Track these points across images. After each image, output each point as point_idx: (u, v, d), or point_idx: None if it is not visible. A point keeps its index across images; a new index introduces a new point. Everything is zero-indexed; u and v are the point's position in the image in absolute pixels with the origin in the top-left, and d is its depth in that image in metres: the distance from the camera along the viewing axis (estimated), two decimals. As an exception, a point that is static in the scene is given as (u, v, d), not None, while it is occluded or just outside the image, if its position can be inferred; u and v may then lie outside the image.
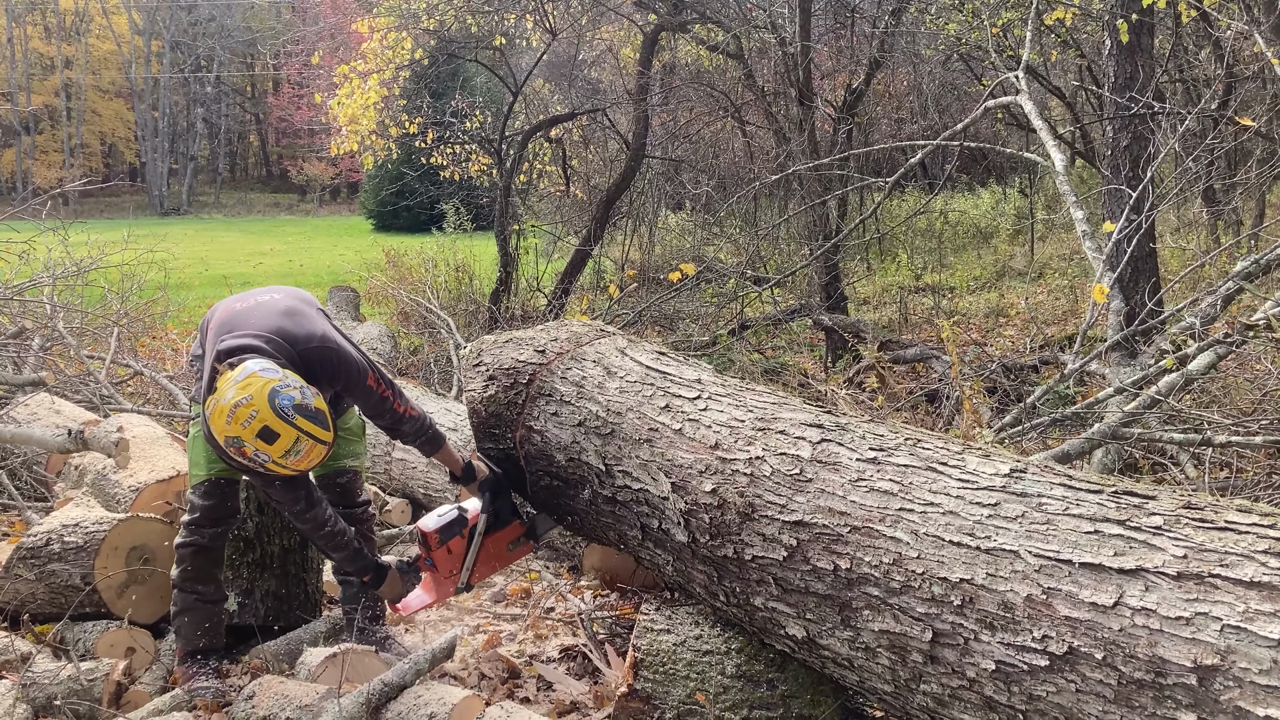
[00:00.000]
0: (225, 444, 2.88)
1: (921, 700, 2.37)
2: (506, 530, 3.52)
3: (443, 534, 3.40)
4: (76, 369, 7.34)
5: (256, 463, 2.89)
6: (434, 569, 3.42)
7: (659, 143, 13.50)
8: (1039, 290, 11.17)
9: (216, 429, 2.87)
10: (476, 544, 3.42)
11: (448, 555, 3.40)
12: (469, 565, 3.42)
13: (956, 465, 2.46)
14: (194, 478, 3.38)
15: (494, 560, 3.53)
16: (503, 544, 3.52)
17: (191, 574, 3.35)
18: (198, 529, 3.35)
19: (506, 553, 3.55)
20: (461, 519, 3.43)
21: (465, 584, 3.44)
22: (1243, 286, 4.33)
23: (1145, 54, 6.91)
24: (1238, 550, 1.93)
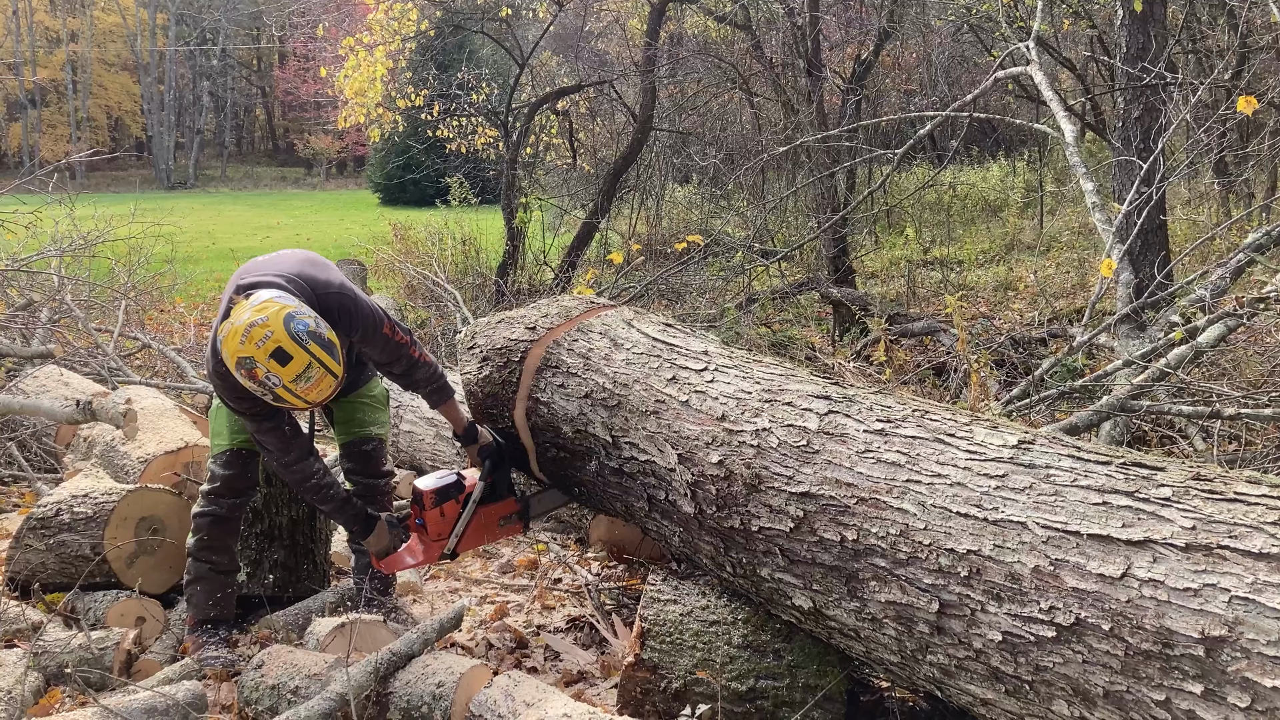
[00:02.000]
0: (237, 365, 2.85)
1: (928, 671, 2.38)
2: (500, 505, 3.50)
3: (439, 495, 3.37)
4: (84, 342, 7.36)
5: (267, 386, 2.86)
6: (423, 530, 3.38)
7: (666, 115, 13.42)
8: (1048, 263, 11.12)
9: (229, 350, 2.85)
10: (470, 511, 3.39)
11: (440, 518, 3.37)
12: (459, 532, 3.38)
13: (964, 437, 2.45)
14: (215, 447, 3.41)
15: (483, 532, 3.48)
16: (495, 518, 3.49)
17: (207, 543, 3.38)
18: (216, 498, 3.38)
19: (497, 528, 3.51)
20: (459, 484, 3.41)
21: (451, 550, 3.40)
22: (1253, 259, 4.30)
23: (1158, 24, 6.83)
24: (1246, 522, 1.92)
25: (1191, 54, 10.30)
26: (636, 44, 12.48)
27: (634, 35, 13.05)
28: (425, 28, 11.66)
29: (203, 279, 12.81)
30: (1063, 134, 5.25)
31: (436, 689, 2.77)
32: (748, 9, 10.58)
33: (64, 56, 41.78)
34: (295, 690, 2.87)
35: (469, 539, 3.44)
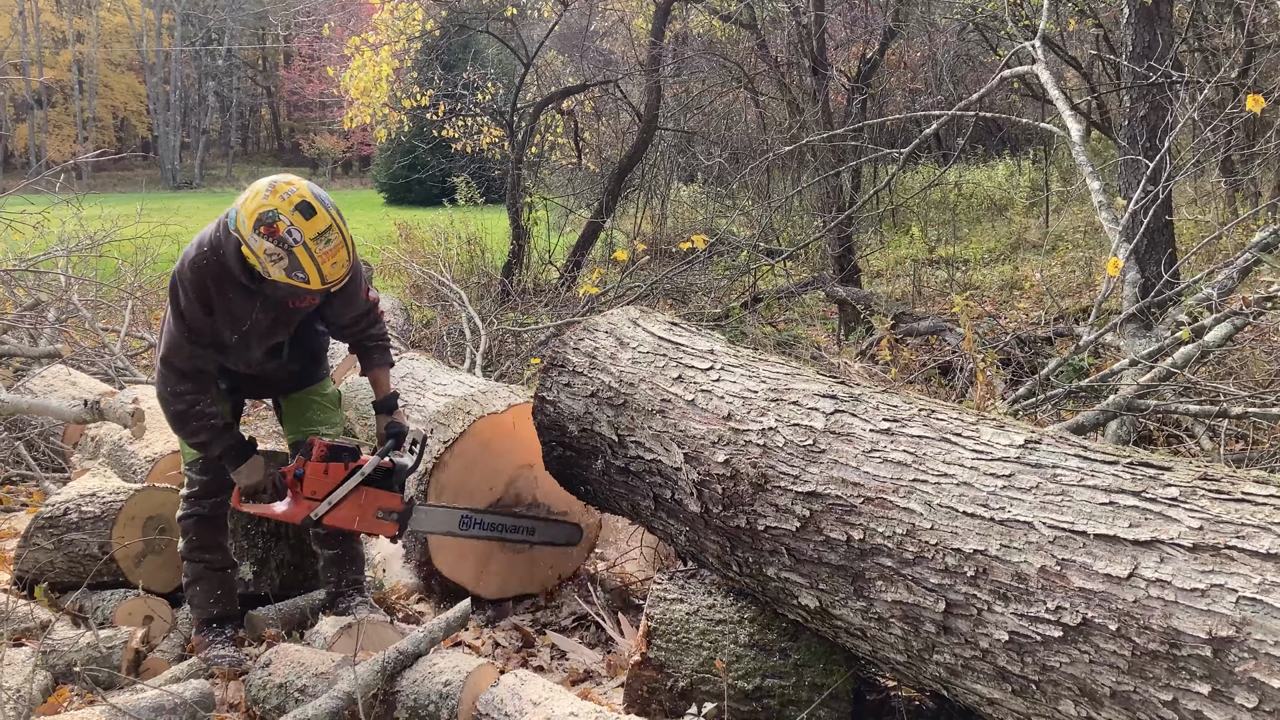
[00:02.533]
0: (256, 222, 2.86)
1: (934, 670, 2.37)
2: (386, 495, 3.26)
3: (330, 452, 3.20)
4: (92, 341, 7.38)
5: (286, 244, 2.86)
6: (299, 484, 3.20)
7: (671, 114, 13.42)
8: (1054, 263, 11.10)
9: (250, 207, 2.88)
10: (353, 484, 3.18)
11: (321, 476, 3.18)
12: (333, 499, 3.17)
13: (971, 436, 2.45)
14: (188, 455, 3.38)
15: (357, 514, 3.23)
16: (374, 506, 3.24)
17: (197, 543, 3.39)
18: (197, 500, 3.39)
19: (371, 518, 3.25)
20: (355, 452, 3.25)
21: (317, 518, 3.20)
22: (1260, 258, 4.29)
23: (1164, 22, 6.82)
24: (1254, 522, 1.92)
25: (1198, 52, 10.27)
26: (641, 43, 12.48)
27: (639, 34, 13.05)
28: (430, 27, 11.66)
29: (209, 278, 12.81)
30: (1069, 133, 5.24)
31: (444, 688, 2.77)
32: (753, 8, 10.57)
33: (70, 57, 41.88)
34: (303, 689, 2.88)
35: (341, 513, 3.21)
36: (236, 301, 3.11)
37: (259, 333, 3.22)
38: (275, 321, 3.24)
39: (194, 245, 3.10)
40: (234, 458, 3.22)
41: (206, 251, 3.06)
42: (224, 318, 3.12)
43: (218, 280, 3.07)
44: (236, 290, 3.09)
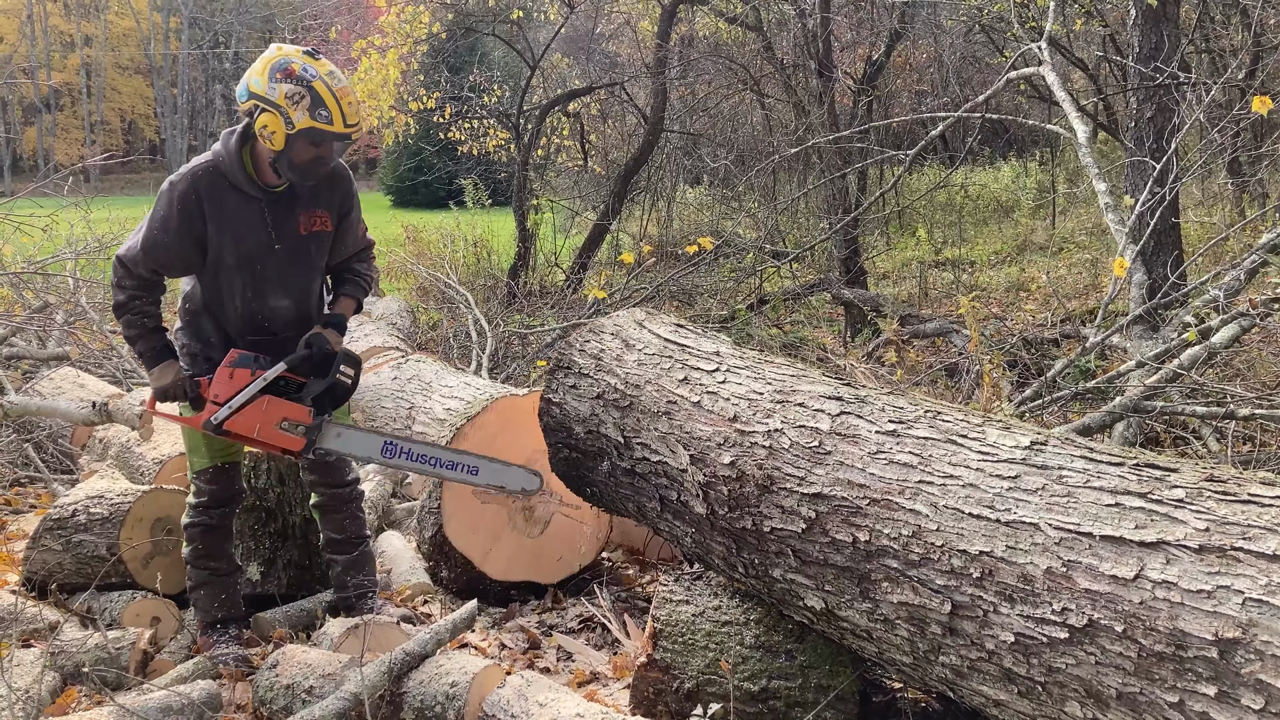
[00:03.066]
0: (271, 70, 2.97)
1: (940, 672, 2.37)
2: (292, 406, 3.15)
3: (241, 358, 3.13)
4: (100, 344, 7.41)
5: (304, 80, 2.96)
6: (203, 387, 3.15)
7: (677, 116, 13.43)
8: (1060, 264, 11.08)
9: (259, 68, 3.00)
10: (254, 388, 3.09)
11: (226, 380, 3.10)
12: (233, 404, 3.08)
13: (976, 438, 2.45)
14: (195, 464, 3.36)
15: (257, 421, 3.11)
16: (277, 414, 3.13)
17: (202, 551, 3.39)
18: (204, 510, 3.37)
19: (274, 428, 3.13)
20: (265, 361, 3.15)
21: (218, 422, 3.09)
22: (1267, 260, 4.28)
23: (1171, 23, 6.81)
24: (1261, 523, 1.92)
25: (1205, 54, 10.25)
26: (647, 46, 12.50)
27: (645, 37, 13.06)
28: (437, 30, 11.69)
29: (216, 281, 12.85)
30: (1075, 134, 5.24)
31: (450, 689, 2.78)
32: (759, 10, 10.57)
33: (78, 60, 42.02)
34: (310, 690, 2.89)
35: (243, 419, 3.10)
36: (238, 212, 3.11)
37: (272, 265, 3.18)
38: (291, 255, 3.21)
39: (190, 163, 3.14)
40: (152, 358, 3.19)
41: (201, 162, 3.12)
42: (225, 231, 3.10)
43: (212, 188, 3.09)
44: (238, 200, 3.11)
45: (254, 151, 3.14)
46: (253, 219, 3.14)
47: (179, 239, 3.09)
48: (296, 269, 3.26)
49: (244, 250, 3.14)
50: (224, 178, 3.10)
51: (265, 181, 3.16)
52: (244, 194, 3.12)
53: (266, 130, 3.01)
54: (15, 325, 6.99)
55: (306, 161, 3.08)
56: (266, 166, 3.14)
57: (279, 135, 3.00)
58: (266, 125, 3.01)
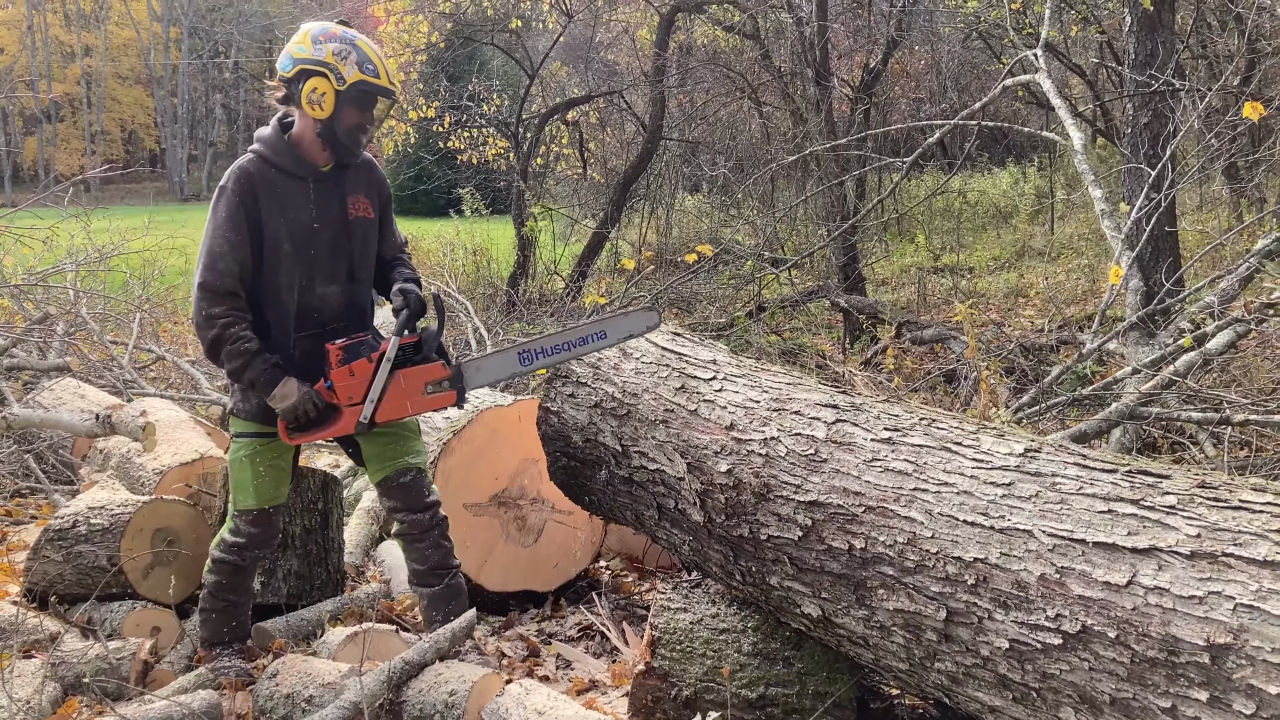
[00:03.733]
0: (313, 36, 3.04)
1: (936, 678, 2.39)
2: (425, 368, 3.09)
3: (346, 352, 3.05)
4: (100, 354, 7.42)
5: (347, 38, 3.05)
6: (334, 395, 3.06)
7: (676, 124, 13.47)
8: (1058, 270, 11.10)
9: (299, 39, 3.07)
10: (384, 373, 3.04)
11: (349, 378, 3.04)
12: (373, 396, 3.03)
13: (971, 445, 2.47)
14: (241, 503, 3.26)
15: (405, 399, 3.08)
16: (419, 383, 3.08)
17: (226, 586, 3.34)
18: (240, 551, 3.28)
19: (423, 396, 3.10)
20: (371, 342, 3.10)
21: (369, 419, 3.05)
22: (1263, 265, 4.30)
23: (1166, 30, 6.84)
24: (1251, 529, 1.93)
25: (1201, 59, 10.28)
26: (646, 54, 12.54)
27: (643, 45, 13.11)
28: (435, 40, 11.73)
29: (216, 291, 12.87)
30: (1071, 141, 5.26)
31: (449, 697, 2.79)
32: (756, 19, 10.61)
33: (78, 71, 42.12)
34: (310, 699, 2.90)
35: (388, 406, 3.06)
36: (289, 195, 3.13)
37: (321, 246, 3.17)
38: (340, 237, 3.21)
39: (235, 163, 3.15)
40: (267, 384, 3.05)
41: (244, 159, 3.14)
42: (278, 217, 3.10)
43: (263, 174, 3.11)
44: (287, 183, 3.13)
45: (293, 139, 3.17)
46: (302, 200, 3.16)
47: (242, 235, 3.07)
48: (346, 253, 3.25)
49: (299, 235, 3.14)
50: (270, 164, 3.13)
51: (311, 162, 3.19)
52: (292, 176, 3.15)
53: (316, 94, 3.05)
54: (16, 336, 7.00)
55: (353, 127, 3.12)
56: (309, 148, 3.16)
57: (329, 97, 3.05)
58: (316, 88, 3.04)
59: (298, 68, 3.06)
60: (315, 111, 3.07)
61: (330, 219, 3.20)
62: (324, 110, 3.07)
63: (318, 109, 3.06)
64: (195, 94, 44.25)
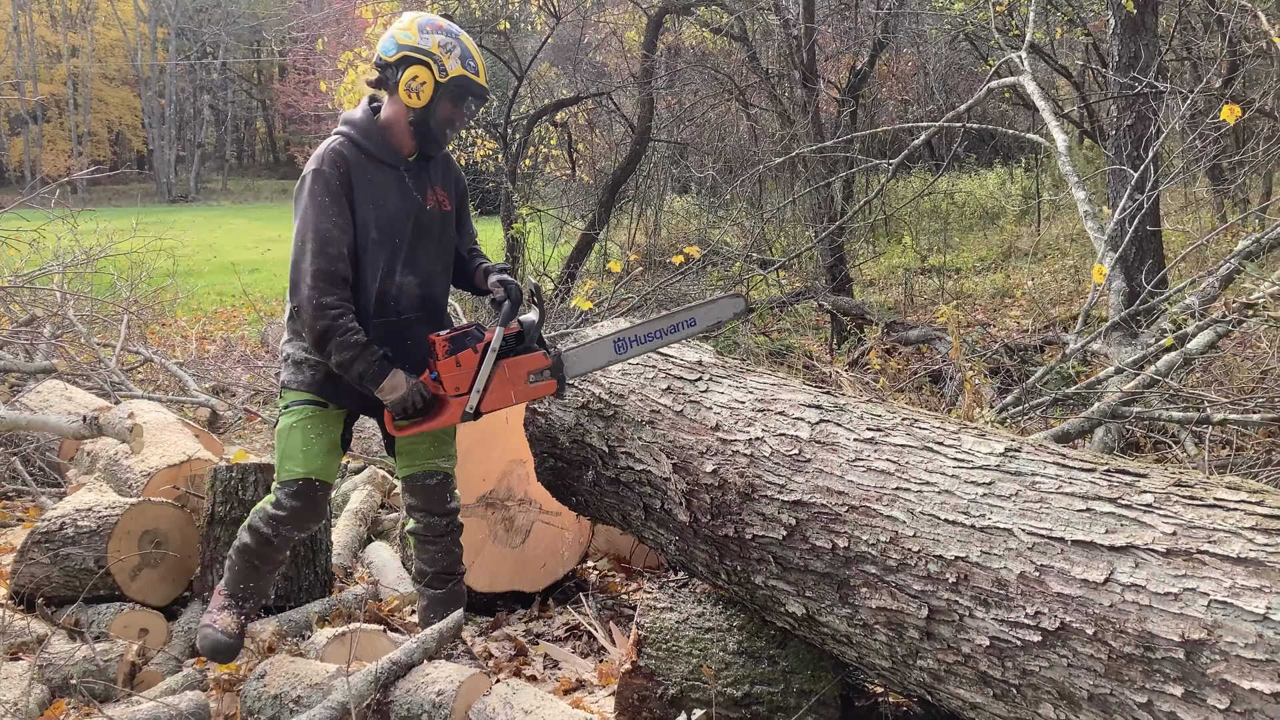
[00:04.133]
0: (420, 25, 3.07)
1: (918, 675, 2.41)
2: (528, 358, 3.11)
3: (452, 343, 3.05)
4: (87, 356, 7.41)
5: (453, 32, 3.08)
6: (439, 385, 3.07)
7: (664, 126, 13.49)
8: (1044, 271, 11.16)
9: (404, 25, 3.08)
10: (489, 363, 3.04)
11: (455, 369, 3.05)
12: (479, 387, 3.04)
13: (952, 445, 2.49)
14: (288, 472, 3.15)
15: (510, 389, 3.09)
16: (523, 372, 3.10)
17: (253, 551, 3.21)
18: (278, 525, 3.17)
19: (526, 385, 3.12)
20: (476, 333, 3.08)
21: (475, 409, 3.06)
22: (1243, 266, 4.35)
23: (1149, 33, 6.89)
24: (1225, 527, 1.96)
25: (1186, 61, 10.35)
26: (634, 56, 12.56)
27: (632, 47, 13.13)
28: (424, 41, 11.69)
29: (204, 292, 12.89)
30: (1055, 143, 5.30)
31: (436, 697, 2.80)
32: (743, 20, 10.64)
33: (65, 71, 41.94)
34: (297, 700, 2.91)
35: (493, 396, 3.08)
36: (380, 182, 3.11)
37: (405, 235, 3.15)
38: (425, 228, 3.19)
39: (321, 147, 3.10)
40: (375, 376, 3.00)
41: (334, 142, 3.09)
42: (369, 203, 3.07)
43: (355, 158, 3.08)
44: (378, 170, 3.11)
45: (380, 125, 3.15)
46: (391, 188, 3.14)
47: (346, 218, 3.04)
48: (429, 244, 3.23)
49: (385, 222, 3.11)
50: (361, 149, 3.10)
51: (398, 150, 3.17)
52: (383, 163, 3.13)
53: (415, 82, 3.05)
54: (2, 339, 6.99)
55: (445, 119, 3.13)
56: (398, 136, 3.14)
57: (428, 86, 3.06)
58: (416, 76, 3.05)
59: (401, 53, 3.06)
60: (412, 100, 3.07)
61: (414, 209, 3.18)
62: (420, 99, 3.07)
63: (415, 97, 3.07)
64: (183, 95, 44.07)
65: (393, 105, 3.13)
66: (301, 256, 3.00)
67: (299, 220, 3.03)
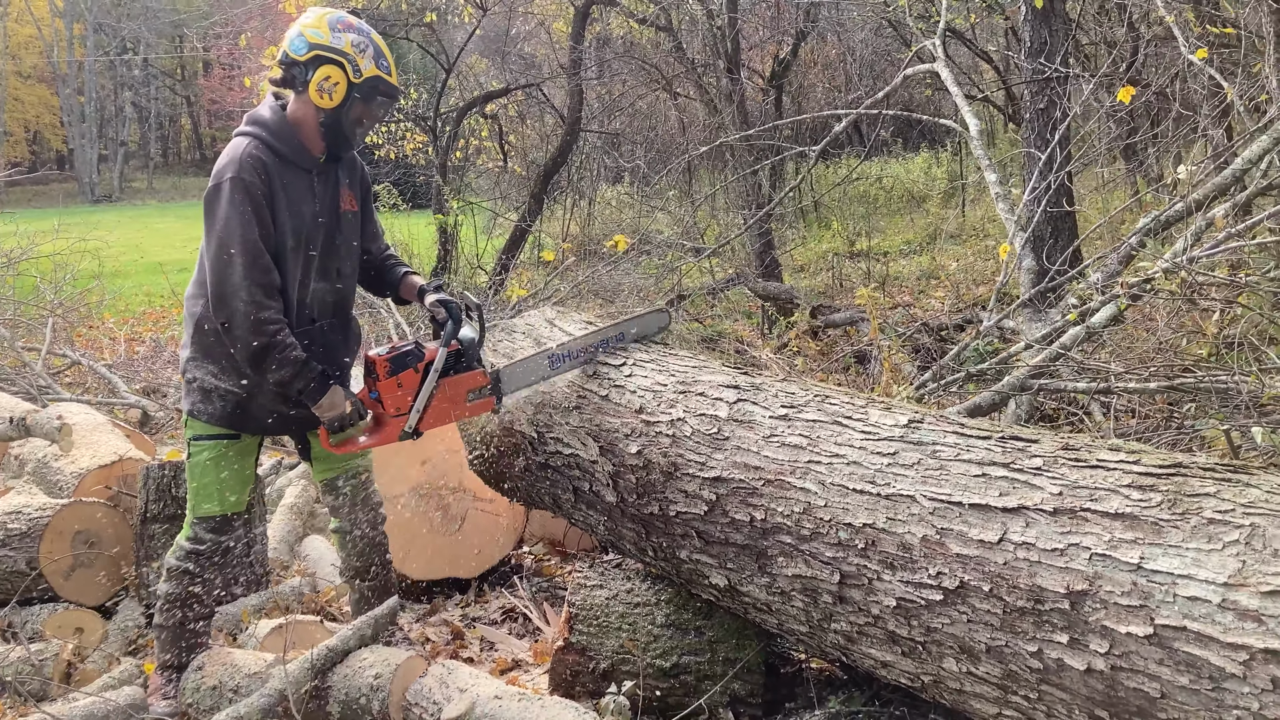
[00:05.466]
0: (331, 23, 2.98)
1: (834, 639, 2.54)
2: (467, 376, 3.12)
3: (393, 364, 3.03)
4: (12, 361, 7.30)
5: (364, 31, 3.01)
6: (380, 405, 3.05)
7: (596, 116, 13.55)
8: (968, 252, 11.44)
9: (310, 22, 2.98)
10: (431, 382, 3.04)
11: (396, 390, 3.03)
12: (419, 406, 3.04)
13: (860, 418, 2.62)
14: (203, 509, 3.13)
15: (450, 408, 3.11)
16: (462, 391, 3.11)
17: (179, 598, 3.17)
18: (198, 559, 3.15)
19: (465, 403, 3.13)
20: (417, 352, 3.07)
21: (414, 428, 3.07)
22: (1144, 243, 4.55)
23: (1059, 18, 7.12)
24: (1106, 485, 2.11)
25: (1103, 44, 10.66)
26: (563, 46, 12.59)
27: (560, 38, 13.16)
28: (349, 35, 11.61)
29: (131, 293, 12.67)
30: (967, 129, 5.48)
31: (374, 680, 2.88)
32: (669, 11, 10.74)
33: (-23, 69, 40.68)
34: (236, 689, 2.96)
35: (433, 415, 3.09)
36: (293, 186, 3.03)
37: (318, 242, 3.10)
38: (335, 231, 3.15)
39: (233, 151, 2.98)
40: (315, 392, 2.97)
41: (247, 146, 2.97)
42: (285, 209, 2.99)
43: (273, 163, 2.98)
44: (293, 174, 3.03)
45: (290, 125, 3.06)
46: (305, 192, 3.07)
47: (269, 227, 2.95)
48: (340, 247, 3.19)
49: (300, 228, 3.04)
50: (275, 153, 3.00)
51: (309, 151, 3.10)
52: (296, 166, 3.05)
53: (328, 83, 2.98)
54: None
55: (356, 119, 3.07)
56: (308, 136, 3.06)
57: (340, 87, 2.99)
58: (329, 77, 2.97)
59: (313, 52, 2.97)
60: (323, 100, 3.00)
61: (326, 212, 3.13)
62: (333, 100, 3.00)
63: (326, 98, 3.00)
64: (103, 92, 42.99)
65: (301, 105, 3.05)
66: (228, 270, 2.88)
67: (219, 230, 2.90)
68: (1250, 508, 1.92)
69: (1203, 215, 4.17)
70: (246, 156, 2.95)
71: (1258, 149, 4.31)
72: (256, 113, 3.08)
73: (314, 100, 3.01)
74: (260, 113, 3.07)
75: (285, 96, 3.11)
